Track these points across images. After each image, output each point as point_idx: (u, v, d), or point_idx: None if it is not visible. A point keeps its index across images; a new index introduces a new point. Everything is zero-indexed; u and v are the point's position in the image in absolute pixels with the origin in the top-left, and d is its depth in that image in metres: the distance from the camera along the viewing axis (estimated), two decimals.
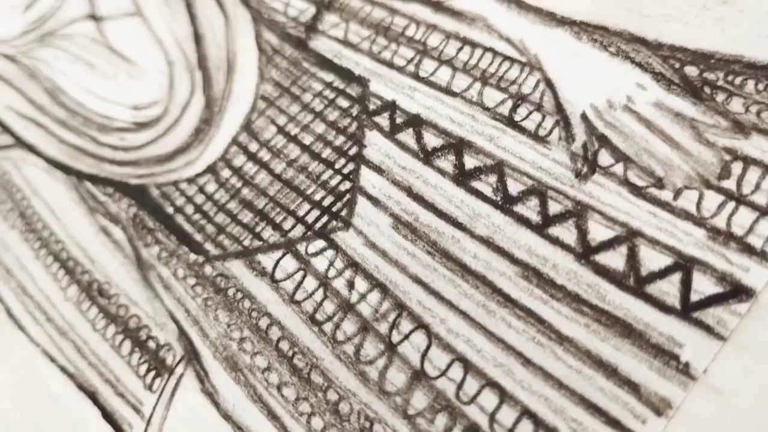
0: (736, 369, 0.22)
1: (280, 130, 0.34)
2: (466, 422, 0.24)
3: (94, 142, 0.38)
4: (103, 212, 0.35)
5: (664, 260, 0.25)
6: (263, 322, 0.29)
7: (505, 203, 0.28)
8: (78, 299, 0.33)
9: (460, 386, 0.25)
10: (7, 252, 0.36)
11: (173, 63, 0.39)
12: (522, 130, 0.29)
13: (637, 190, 0.26)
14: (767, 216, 0.24)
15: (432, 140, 0.30)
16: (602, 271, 0.25)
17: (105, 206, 0.36)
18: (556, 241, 0.26)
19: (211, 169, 0.34)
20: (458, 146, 0.30)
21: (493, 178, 0.28)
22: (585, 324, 0.24)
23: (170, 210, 0.34)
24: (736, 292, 0.23)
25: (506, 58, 0.31)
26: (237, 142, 0.35)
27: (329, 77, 0.35)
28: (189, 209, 0.34)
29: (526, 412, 0.24)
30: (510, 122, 0.29)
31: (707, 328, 0.23)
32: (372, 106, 0.33)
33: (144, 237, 0.34)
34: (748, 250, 0.24)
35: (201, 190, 0.34)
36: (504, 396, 0.24)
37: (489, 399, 0.24)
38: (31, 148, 0.40)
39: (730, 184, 0.25)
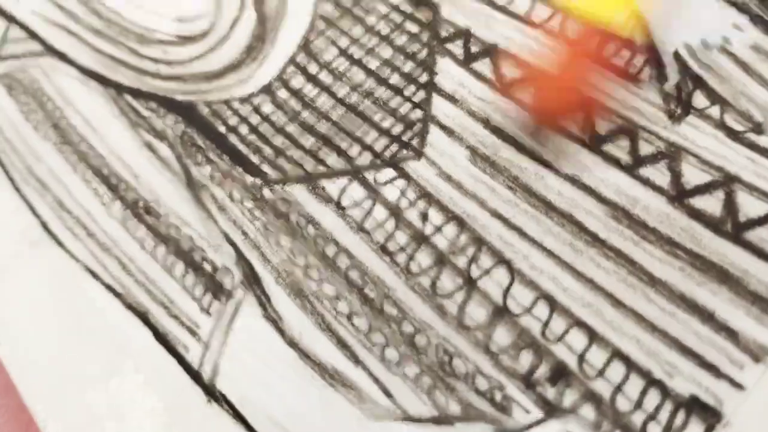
0: None
1: (342, 52, 0.32)
2: (552, 361, 0.24)
3: (133, 53, 0.36)
4: (146, 128, 0.33)
5: (763, 207, 0.24)
6: (330, 250, 0.28)
7: (593, 142, 0.27)
8: (123, 216, 0.32)
9: (546, 325, 0.24)
10: (39, 163, 0.34)
11: None
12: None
13: (734, 135, 0.25)
14: None
15: (510, 71, 0.29)
16: (697, 215, 0.25)
17: (149, 122, 0.34)
18: (647, 183, 0.26)
19: (267, 89, 0.33)
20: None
21: (580, 116, 0.27)
22: (679, 267, 0.24)
23: (222, 129, 0.32)
24: None
25: None
26: (294, 62, 0.33)
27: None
28: (243, 129, 0.32)
29: (618, 354, 0.23)
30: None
31: None
32: (444, 33, 0.31)
33: (194, 155, 0.32)
34: None
35: (256, 110, 0.32)
36: (594, 337, 0.24)
37: (577, 339, 0.24)
38: (63, 57, 0.37)
39: None
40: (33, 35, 0.39)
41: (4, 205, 0.34)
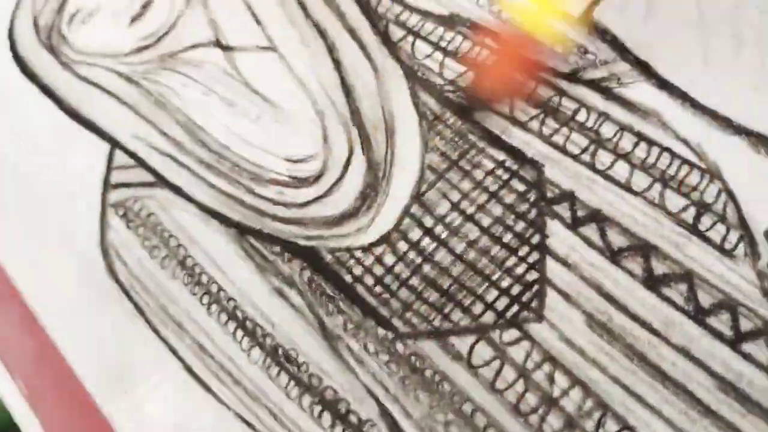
0: None
1: (454, 206, 0.36)
2: None
3: (250, 192, 0.39)
4: (274, 272, 0.37)
5: None
6: (467, 408, 0.32)
7: (698, 314, 0.31)
8: (264, 363, 0.35)
9: None
10: (172, 304, 0.38)
11: (323, 114, 0.40)
12: (707, 240, 0.32)
13: None
14: None
15: (617, 239, 0.33)
16: None
17: (275, 266, 0.37)
18: (749, 358, 0.30)
19: (386, 240, 0.36)
20: (645, 249, 0.32)
21: (683, 287, 0.31)
22: None
23: (348, 278, 0.36)
24: None
25: (685, 161, 0.33)
26: (410, 214, 0.36)
27: (500, 155, 0.36)
28: (369, 280, 0.35)
29: None
30: (695, 231, 0.32)
31: None
32: (549, 194, 0.35)
33: (324, 304, 0.36)
34: None
35: (378, 261, 0.36)
36: None
37: None
38: (178, 190, 0.40)
39: None
40: (141, 163, 0.42)
41: (145, 347, 0.37)
